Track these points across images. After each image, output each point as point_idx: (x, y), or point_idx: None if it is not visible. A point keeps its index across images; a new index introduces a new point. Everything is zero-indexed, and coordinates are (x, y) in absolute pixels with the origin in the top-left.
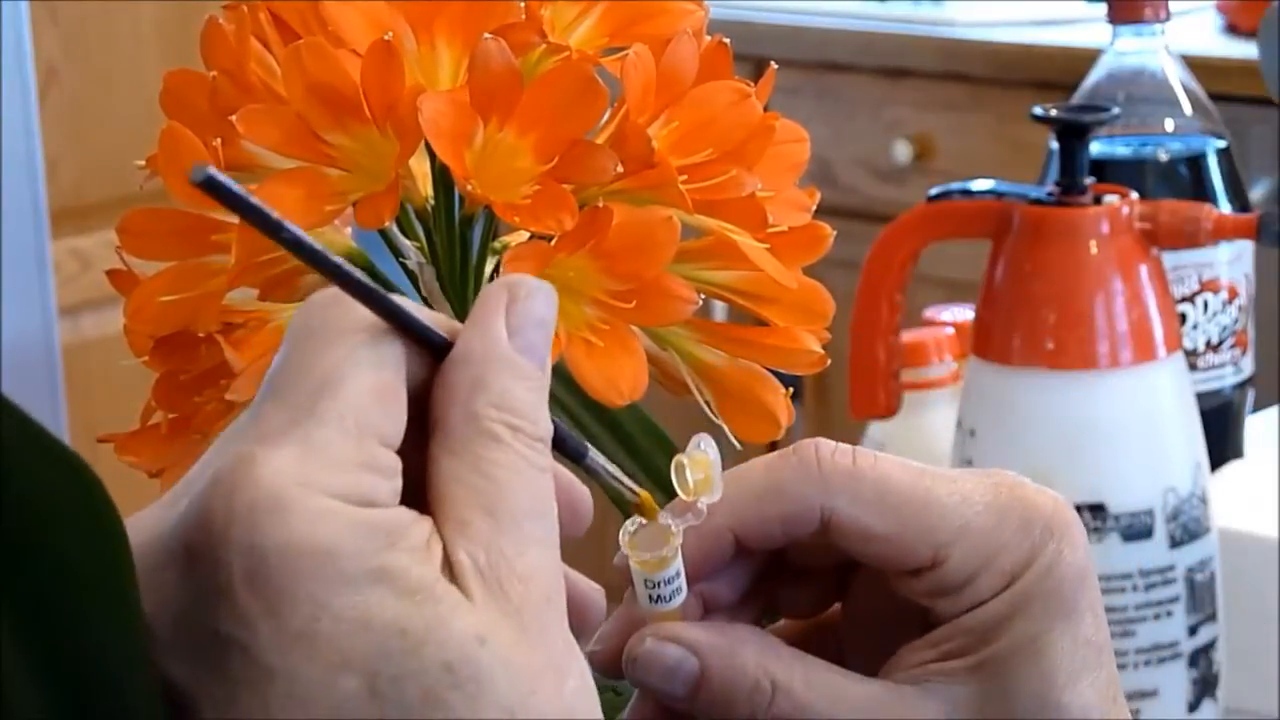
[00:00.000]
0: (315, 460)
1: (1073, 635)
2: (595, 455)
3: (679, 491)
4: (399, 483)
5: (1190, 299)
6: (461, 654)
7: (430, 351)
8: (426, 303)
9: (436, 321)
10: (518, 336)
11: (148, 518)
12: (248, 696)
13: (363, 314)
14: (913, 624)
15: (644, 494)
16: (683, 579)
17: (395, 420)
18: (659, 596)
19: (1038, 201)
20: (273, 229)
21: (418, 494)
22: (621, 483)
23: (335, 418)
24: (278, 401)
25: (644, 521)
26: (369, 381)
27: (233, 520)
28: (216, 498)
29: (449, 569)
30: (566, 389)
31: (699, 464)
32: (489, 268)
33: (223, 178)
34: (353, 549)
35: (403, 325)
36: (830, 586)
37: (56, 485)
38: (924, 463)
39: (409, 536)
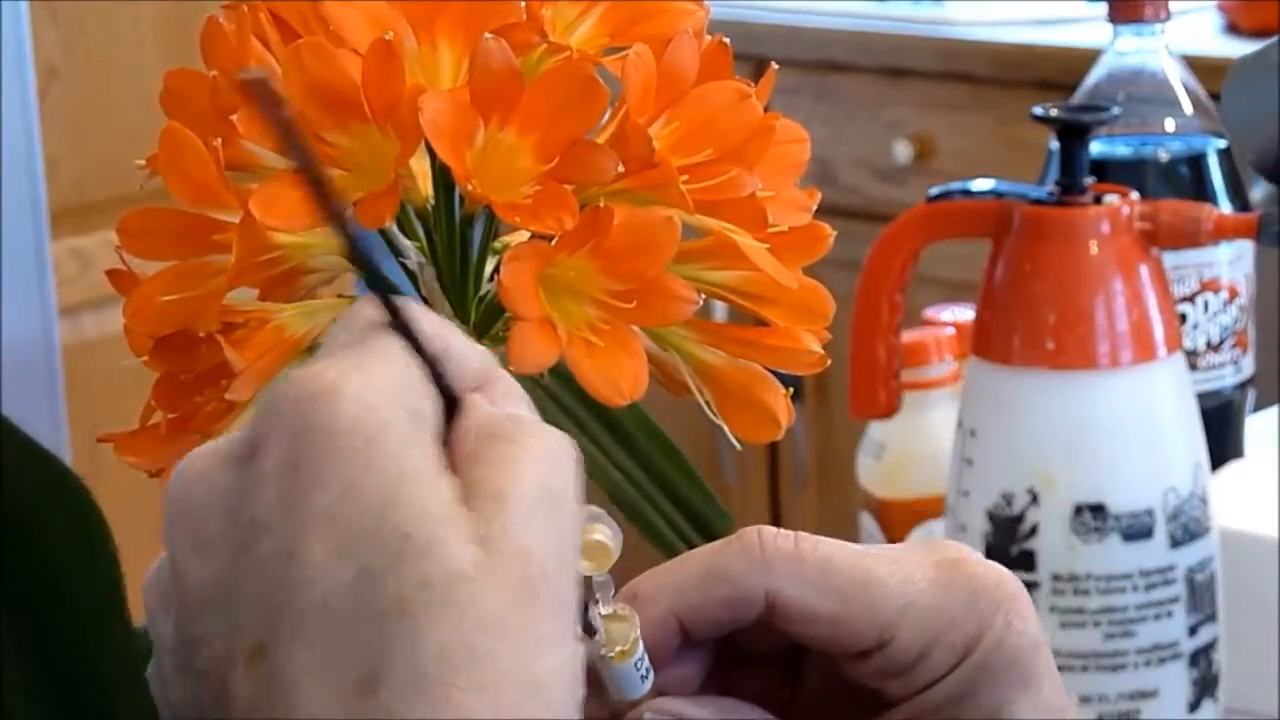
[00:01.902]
0: (372, 365)
1: (1034, 703)
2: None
3: (588, 564)
4: (439, 428)
5: (1190, 299)
6: (441, 578)
7: (445, 398)
8: (427, 303)
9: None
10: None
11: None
12: (248, 584)
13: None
14: (865, 705)
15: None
16: (648, 659)
17: (431, 388)
18: (632, 681)
19: (1038, 201)
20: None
21: None
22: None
23: (389, 354)
24: (339, 349)
25: (602, 612)
26: (414, 360)
27: (289, 407)
28: (277, 391)
29: None
30: (566, 389)
31: (603, 531)
32: (489, 268)
33: (272, 85)
34: (392, 451)
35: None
36: (781, 672)
37: (55, 507)
38: (924, 462)
39: (451, 478)
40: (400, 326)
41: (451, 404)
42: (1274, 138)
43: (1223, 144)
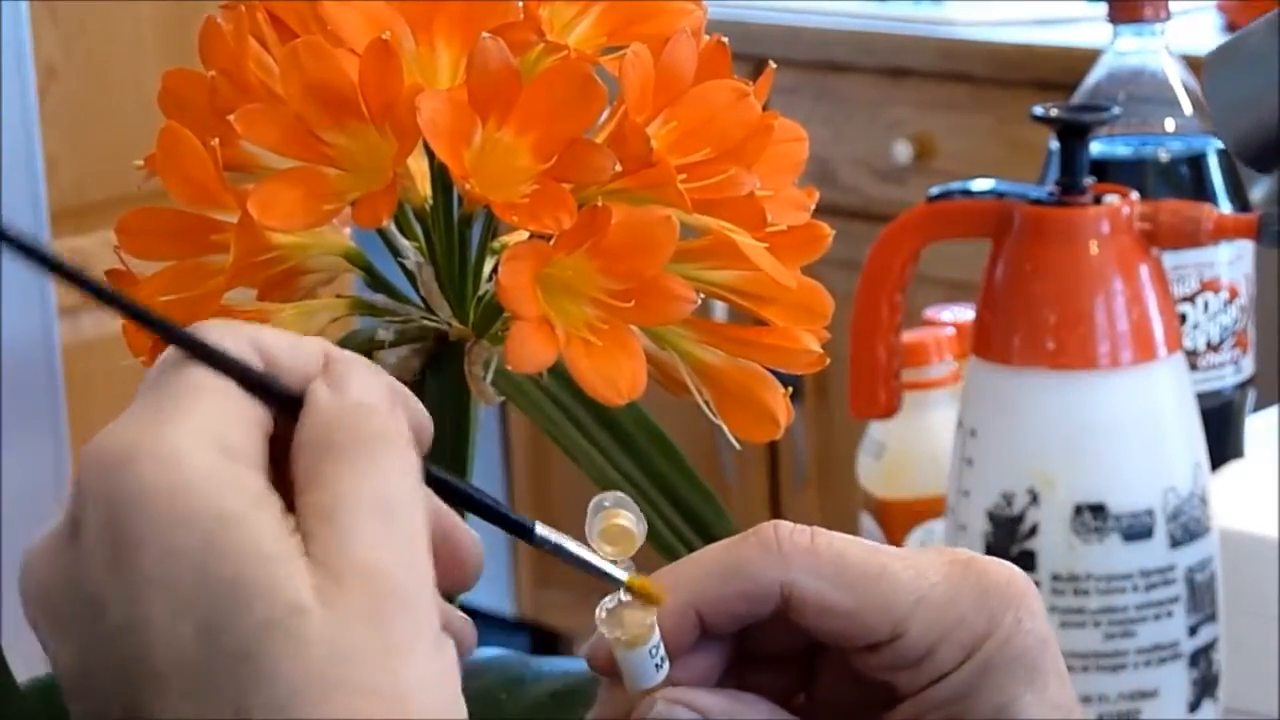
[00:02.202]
0: (173, 413)
1: (1040, 700)
2: (549, 534)
3: (608, 549)
4: (258, 456)
5: (1190, 299)
6: (280, 618)
7: (278, 404)
8: (426, 302)
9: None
10: (344, 396)
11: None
12: (103, 660)
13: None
14: (878, 703)
15: (635, 581)
16: (663, 649)
17: (255, 405)
18: (646, 670)
19: (1038, 201)
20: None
21: None
22: (592, 565)
23: (190, 387)
24: (137, 397)
25: (621, 598)
26: (227, 391)
27: (94, 482)
28: (82, 469)
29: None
30: (564, 388)
31: (624, 515)
32: (488, 267)
33: (19, 235)
34: (203, 490)
35: (254, 382)
36: (796, 672)
37: None
38: (924, 462)
39: (272, 507)
40: (203, 353)
41: (294, 402)
42: (1253, 123)
43: (1222, 144)
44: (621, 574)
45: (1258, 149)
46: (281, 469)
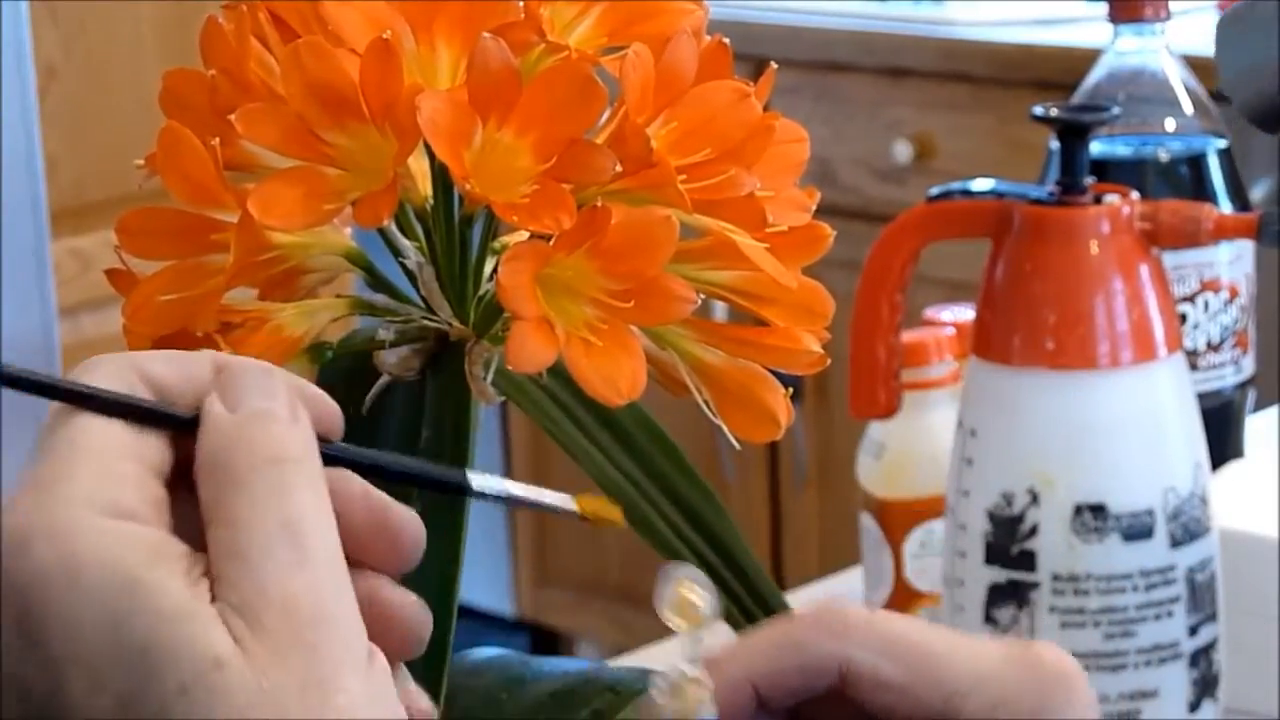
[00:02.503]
0: (57, 484)
1: None
2: (488, 482)
3: (679, 623)
4: (157, 492)
5: (1191, 299)
6: (196, 677)
7: (179, 428)
8: (426, 302)
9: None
10: (239, 408)
11: None
12: None
13: (98, 366)
14: None
15: (582, 501)
16: None
17: (151, 446)
18: None
19: (1038, 201)
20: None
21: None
22: (540, 503)
23: (70, 438)
24: (29, 462)
25: (669, 674)
26: (112, 423)
27: None
28: None
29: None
30: (565, 388)
31: (696, 590)
32: (488, 267)
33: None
34: (101, 563)
35: (139, 413)
36: None
37: None
38: (924, 462)
39: (176, 562)
40: (83, 401)
41: (190, 423)
42: (1261, 86)
43: (1223, 144)
44: (572, 504)
45: (1265, 111)
46: (194, 491)
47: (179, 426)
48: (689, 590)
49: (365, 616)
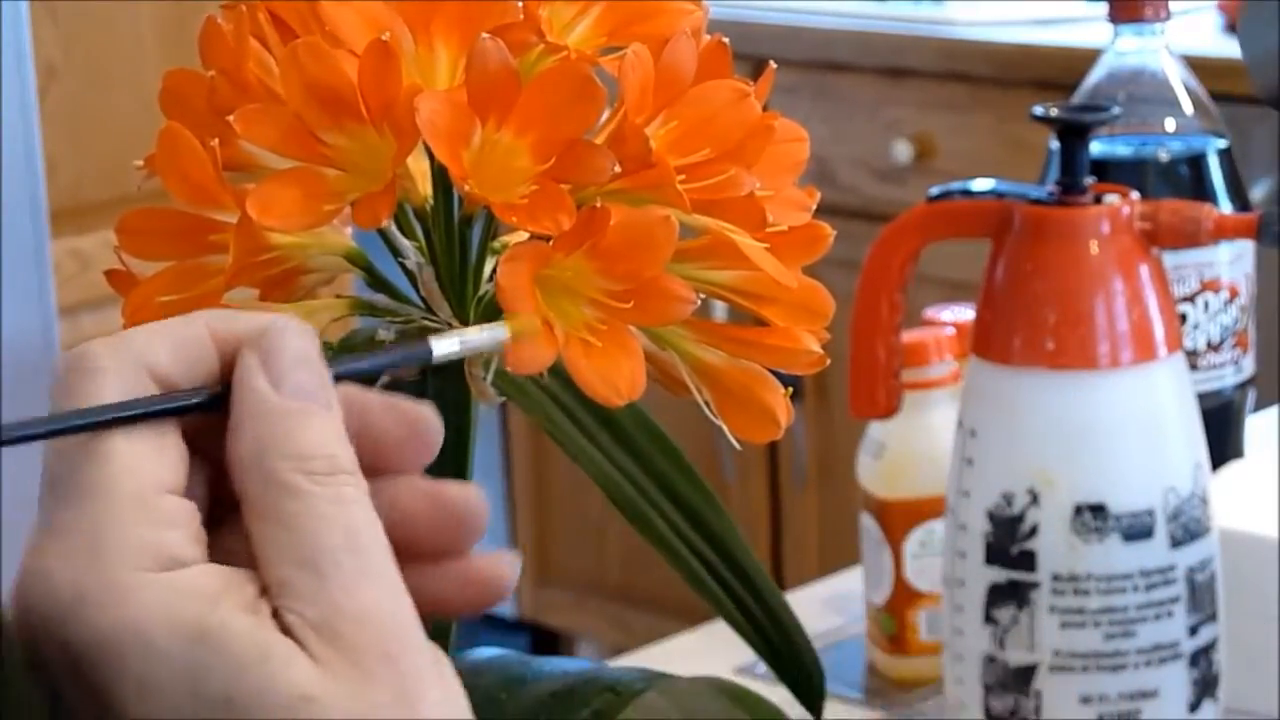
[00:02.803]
0: (101, 540)
1: None
2: (442, 343)
3: None
4: (197, 527)
5: (1191, 299)
6: (293, 711)
7: (205, 410)
8: (426, 303)
9: (195, 341)
10: (283, 384)
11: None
12: None
13: (105, 384)
14: None
15: (516, 321)
16: None
17: (171, 466)
18: None
19: (1038, 201)
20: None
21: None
22: (491, 344)
23: (110, 486)
24: (55, 496)
25: None
26: (132, 445)
27: (43, 633)
28: (20, 613)
29: (282, 629)
30: (564, 388)
31: None
32: (488, 268)
33: None
34: (162, 620)
35: (162, 414)
36: None
37: None
38: (924, 462)
39: (228, 595)
40: (94, 426)
41: (208, 404)
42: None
43: (1223, 144)
44: (503, 328)
45: None
46: (199, 448)
47: (204, 409)
48: None
49: (430, 519)
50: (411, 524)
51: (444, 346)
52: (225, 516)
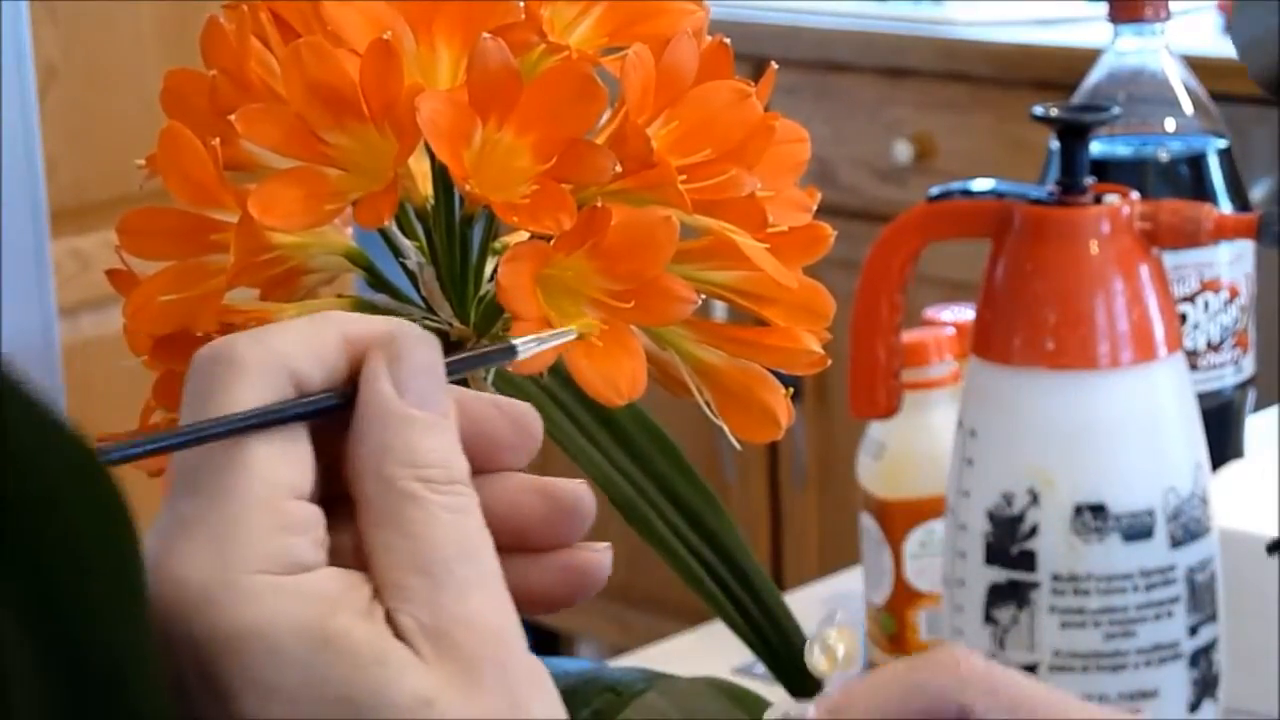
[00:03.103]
0: (231, 541)
1: None
2: (524, 344)
3: (820, 667)
4: (321, 532)
5: (1191, 299)
6: (410, 713)
7: (334, 412)
8: (427, 303)
9: (329, 345)
10: (408, 392)
11: None
12: None
13: (248, 382)
14: None
15: (580, 322)
16: None
17: (302, 473)
18: None
19: (1038, 201)
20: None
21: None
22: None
23: (244, 491)
24: (189, 491)
25: (789, 712)
26: (269, 449)
27: (167, 620)
28: (157, 591)
29: (395, 632)
30: (565, 388)
31: (845, 637)
32: (489, 268)
33: (114, 453)
34: (287, 625)
35: (302, 417)
36: None
37: (62, 472)
38: (924, 462)
39: (348, 601)
40: (237, 430)
41: (337, 409)
42: (1272, 55)
43: (1223, 144)
44: (571, 330)
45: (1275, 80)
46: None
47: (334, 411)
48: (837, 636)
49: (544, 512)
50: (525, 518)
51: (526, 346)
52: (333, 510)
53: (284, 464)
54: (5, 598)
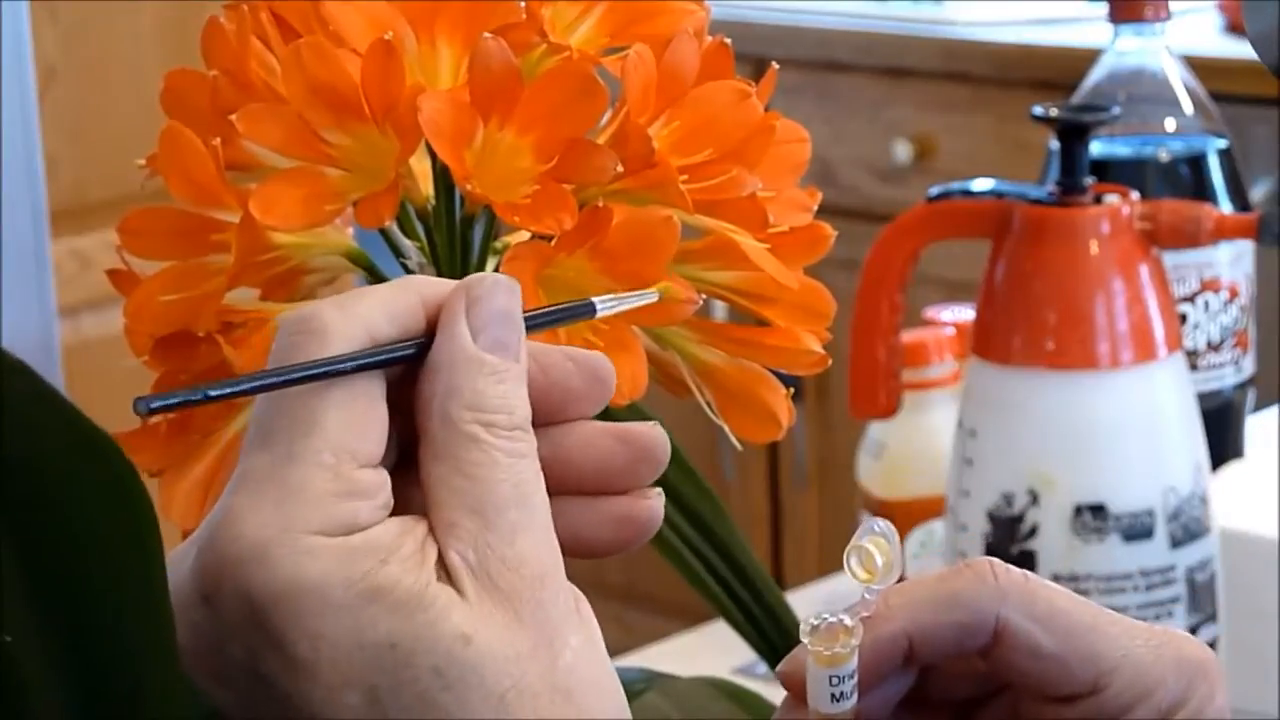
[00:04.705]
0: (294, 502)
1: None
2: (603, 302)
3: (858, 575)
4: (385, 496)
5: (1191, 299)
6: (449, 656)
7: (413, 360)
8: None
9: (409, 310)
10: (482, 335)
11: (179, 557)
12: (271, 714)
13: (331, 347)
14: None
15: (661, 285)
16: (856, 680)
17: (374, 440)
18: (840, 694)
19: (1038, 201)
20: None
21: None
22: (624, 299)
23: (312, 455)
24: (261, 447)
25: (828, 617)
26: (343, 412)
27: (223, 573)
28: (209, 552)
29: (444, 569)
30: None
31: (881, 547)
32: (490, 268)
33: (159, 401)
34: (339, 579)
35: (373, 366)
36: None
37: (79, 457)
38: (924, 462)
39: (399, 550)
40: (311, 379)
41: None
42: None
43: (1223, 144)
44: (653, 292)
45: None
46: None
47: (412, 359)
48: (874, 545)
49: (623, 456)
50: (603, 462)
51: (605, 304)
52: (415, 456)
53: (353, 432)
54: (12, 576)
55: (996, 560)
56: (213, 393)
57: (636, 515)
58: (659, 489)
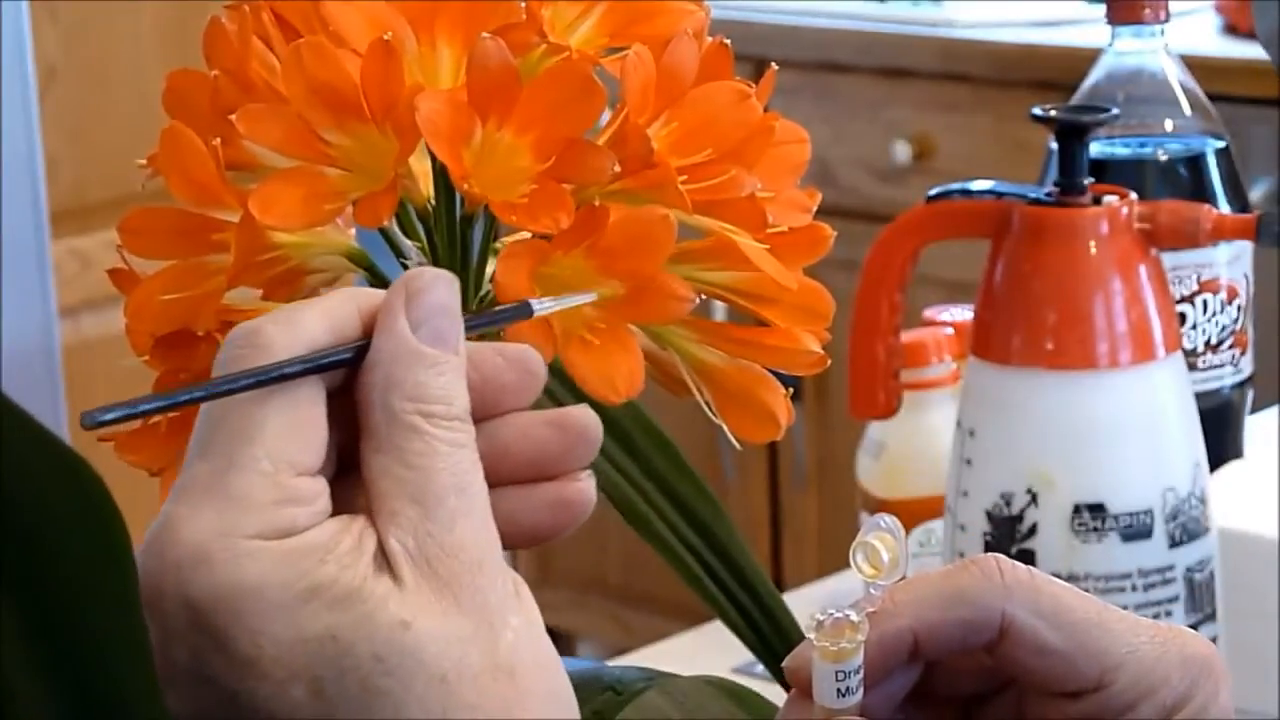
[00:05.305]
0: (234, 508)
1: None
2: (540, 302)
3: (864, 570)
4: (324, 503)
5: (1190, 299)
6: (388, 643)
7: (349, 366)
8: None
9: (347, 320)
10: (422, 328)
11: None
12: (219, 716)
13: (274, 360)
14: None
15: (603, 286)
16: (862, 675)
17: (314, 448)
18: (846, 690)
19: (1037, 201)
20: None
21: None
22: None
23: (251, 463)
24: (201, 457)
25: (834, 612)
26: (282, 421)
27: (164, 578)
28: (150, 559)
29: (384, 558)
30: (563, 387)
31: (888, 543)
32: (489, 267)
33: (107, 415)
34: (278, 580)
35: (311, 371)
36: (953, 717)
37: (57, 484)
38: (924, 462)
39: (335, 548)
40: (254, 385)
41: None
42: None
43: (1222, 144)
44: (592, 293)
45: None
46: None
47: (350, 364)
48: (880, 541)
49: (559, 442)
50: (539, 450)
51: (542, 306)
52: (354, 465)
53: (293, 438)
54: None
55: (1002, 557)
56: (148, 406)
57: (570, 498)
58: (589, 470)
